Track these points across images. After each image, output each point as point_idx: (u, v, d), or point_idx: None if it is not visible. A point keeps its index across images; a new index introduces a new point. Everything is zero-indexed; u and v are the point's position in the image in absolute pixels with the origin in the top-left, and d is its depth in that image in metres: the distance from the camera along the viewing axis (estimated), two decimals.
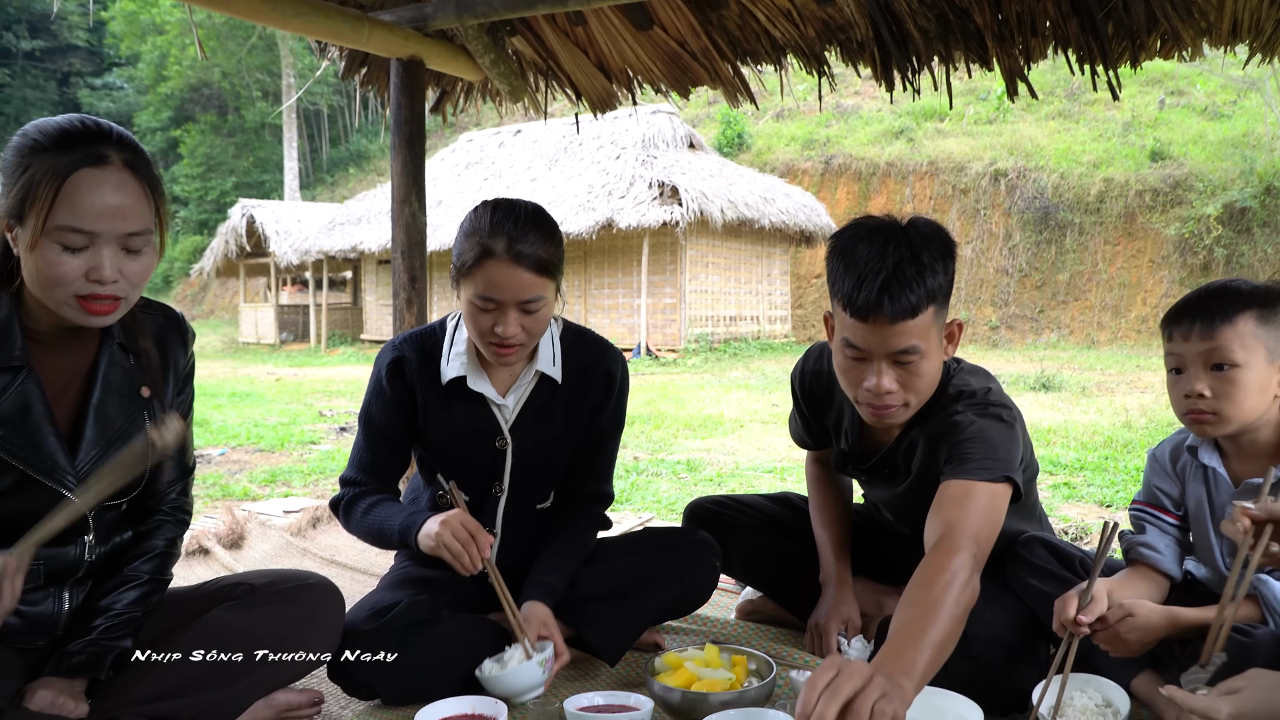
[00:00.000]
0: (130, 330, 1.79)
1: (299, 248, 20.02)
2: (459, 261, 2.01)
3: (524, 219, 1.98)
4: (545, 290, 1.99)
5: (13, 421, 1.62)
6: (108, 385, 1.74)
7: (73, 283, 1.57)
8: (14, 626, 1.69)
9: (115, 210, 1.57)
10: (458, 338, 2.17)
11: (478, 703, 1.89)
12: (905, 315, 1.76)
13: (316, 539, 3.41)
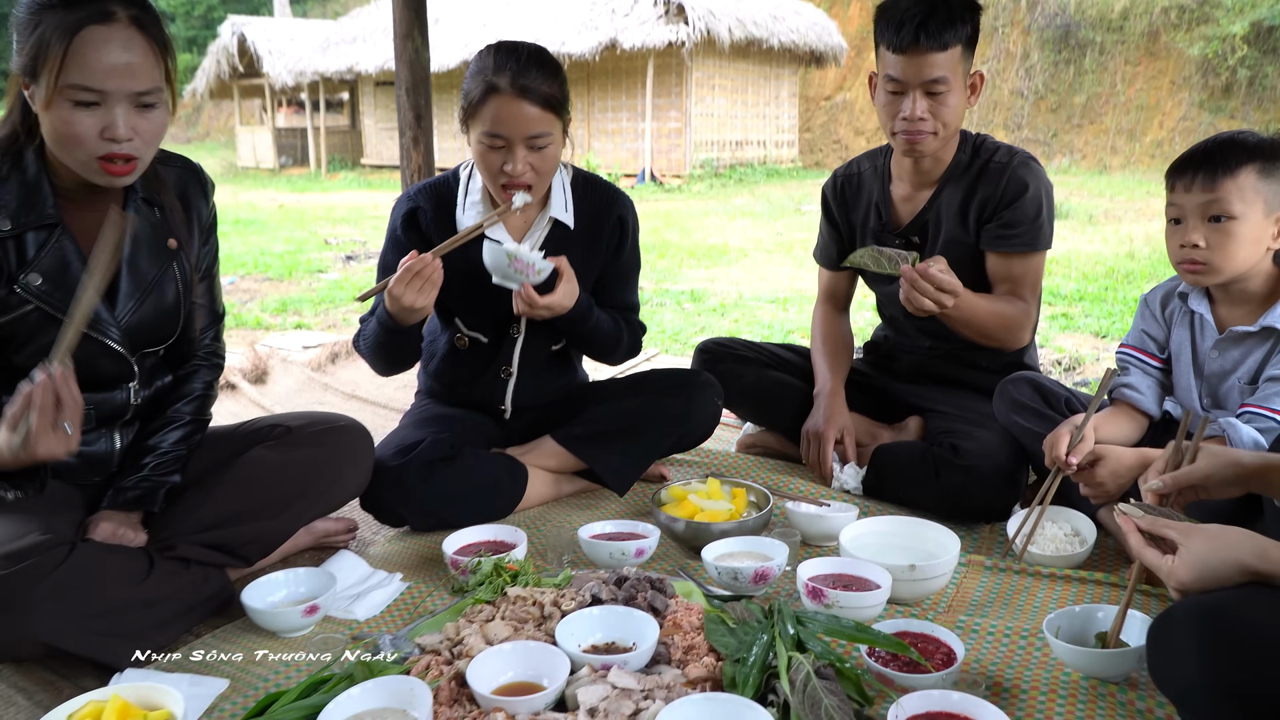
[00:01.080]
0: (152, 184, 1.84)
1: (293, 68, 19.44)
2: (466, 102, 2.08)
3: (527, 57, 2.04)
4: (551, 127, 2.05)
5: (53, 277, 1.70)
6: (136, 239, 1.80)
7: (89, 142, 1.60)
8: (72, 464, 1.83)
9: (124, 68, 1.58)
10: (472, 186, 2.23)
11: (498, 530, 2.06)
12: (937, 48, 2.11)
13: (336, 374, 3.55)
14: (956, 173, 2.32)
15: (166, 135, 1.73)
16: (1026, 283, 2.28)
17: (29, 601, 1.54)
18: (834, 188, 2.57)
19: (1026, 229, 2.25)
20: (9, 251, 1.68)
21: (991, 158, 2.30)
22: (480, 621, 1.67)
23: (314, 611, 1.78)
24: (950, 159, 2.32)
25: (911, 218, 2.37)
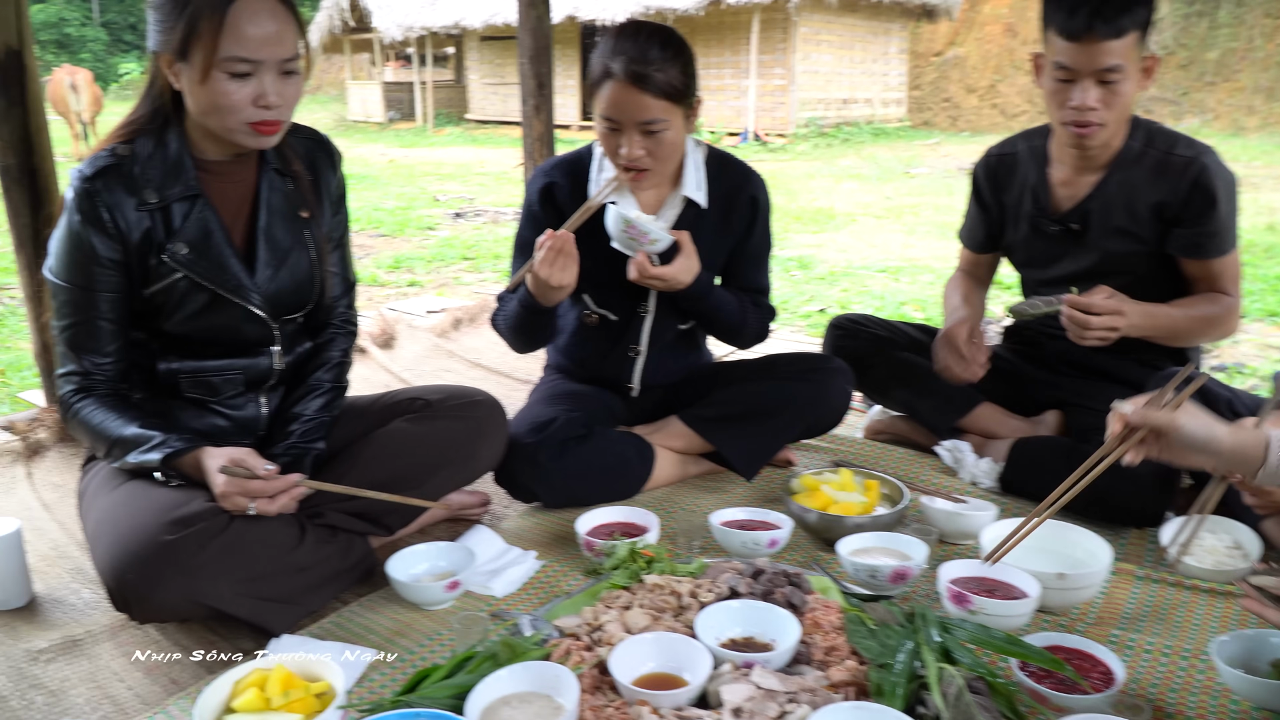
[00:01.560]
0: (283, 154, 1.89)
1: (401, 23, 19.67)
2: (590, 81, 2.08)
3: (646, 40, 2.02)
4: (667, 114, 2.03)
5: (197, 245, 1.76)
6: (271, 209, 1.85)
7: (243, 110, 1.66)
8: (224, 428, 1.90)
9: (274, 36, 1.65)
10: (606, 163, 2.22)
11: (630, 512, 2.07)
12: (1112, 35, 1.99)
13: (460, 341, 3.61)
14: (1126, 160, 2.20)
15: None
16: (1228, 277, 2.20)
17: (194, 566, 1.61)
18: (986, 168, 2.47)
19: (1223, 232, 2.16)
20: (157, 223, 1.74)
21: (1171, 150, 2.17)
22: (619, 608, 1.69)
23: (455, 587, 1.82)
24: (1119, 145, 2.20)
25: (1072, 204, 2.27)
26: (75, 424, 1.79)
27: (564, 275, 2.03)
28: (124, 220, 1.72)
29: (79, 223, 1.71)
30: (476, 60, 20.89)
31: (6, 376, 4.51)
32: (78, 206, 1.71)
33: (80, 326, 1.76)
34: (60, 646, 1.73)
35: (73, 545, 2.14)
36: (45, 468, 2.54)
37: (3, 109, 2.42)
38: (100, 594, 1.93)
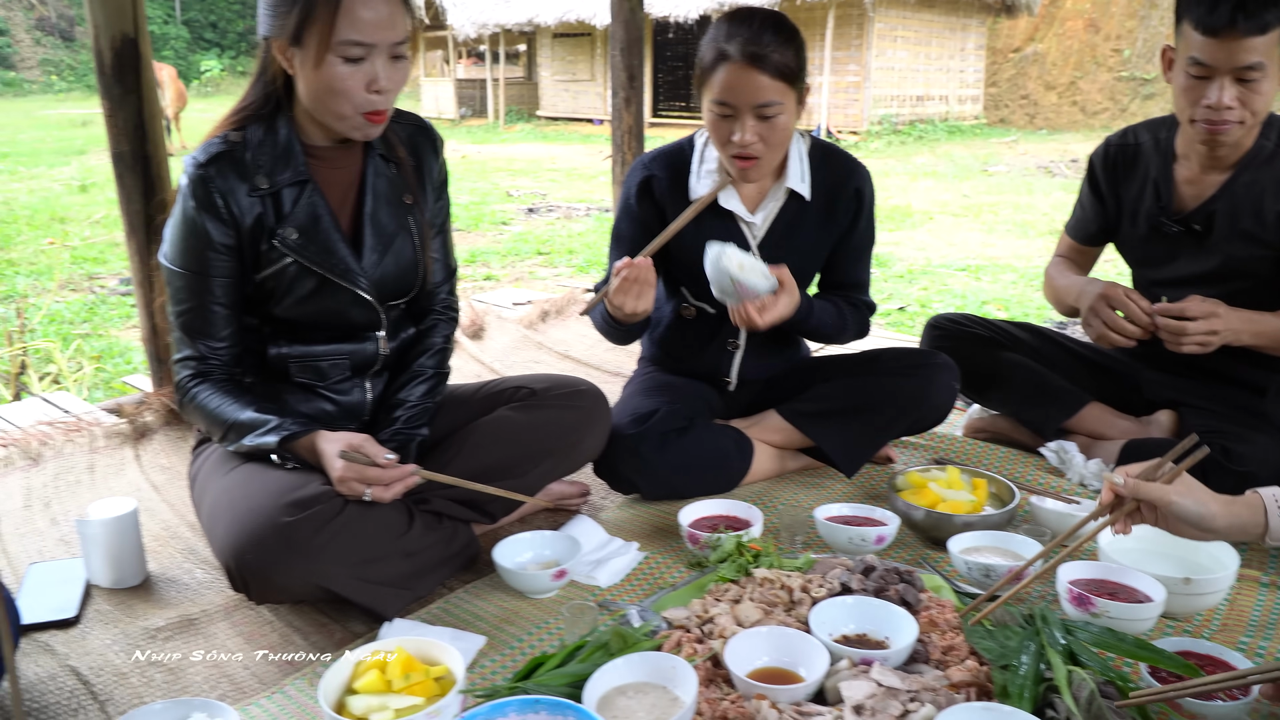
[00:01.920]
0: (388, 140, 1.90)
1: (475, 20, 19.88)
2: (699, 69, 2.06)
3: (760, 22, 2.00)
4: (783, 96, 2.00)
5: (307, 230, 1.78)
6: (377, 194, 1.87)
7: (356, 95, 1.67)
8: (331, 413, 1.93)
9: (388, 20, 1.66)
10: (707, 155, 2.20)
11: (732, 505, 2.05)
12: (1255, 31, 1.90)
13: (547, 333, 3.62)
14: (1256, 160, 2.10)
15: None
16: None
17: (311, 548, 1.63)
18: (1105, 157, 2.36)
19: None
20: (268, 208, 1.76)
21: None
22: (729, 601, 1.67)
23: (562, 576, 1.82)
24: (1250, 144, 2.10)
25: (1197, 204, 2.17)
26: (191, 408, 1.82)
27: (639, 303, 2.01)
28: (237, 206, 1.74)
29: (193, 209, 1.74)
30: (548, 57, 21.02)
31: (103, 363, 4.65)
32: (192, 193, 1.73)
33: (195, 312, 1.79)
34: (177, 625, 1.76)
35: (184, 526, 2.19)
36: (153, 450, 2.60)
37: (118, 96, 2.48)
38: (213, 574, 1.97)
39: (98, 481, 2.43)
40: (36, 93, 28.85)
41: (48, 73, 31.53)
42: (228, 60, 33.76)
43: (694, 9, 16.23)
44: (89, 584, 1.91)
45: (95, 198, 10.22)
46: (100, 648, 1.70)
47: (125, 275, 6.74)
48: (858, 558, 1.78)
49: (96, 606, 1.85)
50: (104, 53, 2.46)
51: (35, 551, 2.09)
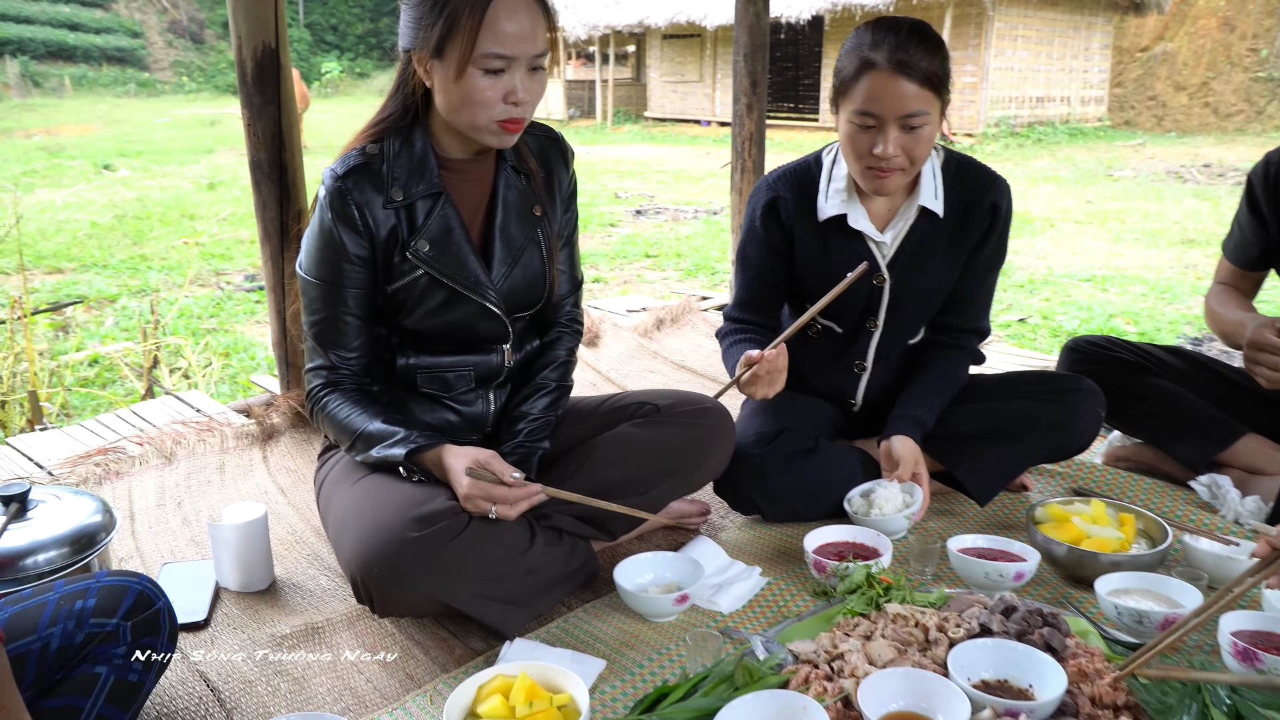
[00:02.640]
0: (519, 151, 1.88)
1: (586, 21, 20.04)
2: (838, 80, 1.97)
3: (907, 31, 1.91)
4: (929, 106, 1.91)
5: (439, 243, 1.77)
6: (507, 207, 1.85)
7: (494, 106, 1.66)
8: (454, 423, 1.92)
9: (528, 33, 1.64)
10: (835, 173, 2.12)
11: (858, 532, 1.97)
12: None
13: (663, 342, 3.58)
14: None
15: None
16: None
17: (435, 564, 1.62)
18: (1265, 175, 2.20)
19: None
20: (401, 220, 1.76)
21: None
22: (859, 637, 1.60)
23: (684, 600, 1.78)
24: None
25: None
26: (322, 417, 1.83)
27: (770, 389, 1.97)
28: (372, 218, 1.75)
29: (330, 220, 1.74)
30: (657, 58, 21.06)
31: (229, 359, 4.80)
32: (330, 204, 1.74)
33: (328, 322, 1.80)
34: (302, 634, 1.78)
35: (309, 531, 2.22)
36: (279, 452, 2.66)
37: (259, 105, 2.53)
38: (337, 581, 1.99)
39: (227, 482, 2.48)
40: (168, 93, 30.22)
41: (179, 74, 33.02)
42: (347, 62, 34.80)
43: (807, 9, 16.03)
44: (218, 586, 1.95)
45: (223, 195, 10.63)
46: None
47: (250, 272, 6.98)
48: (996, 595, 1.69)
49: (225, 610, 1.88)
50: (246, 62, 2.51)
51: (168, 551, 2.14)
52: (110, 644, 1.32)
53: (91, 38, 32.23)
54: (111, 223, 8.86)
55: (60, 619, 1.28)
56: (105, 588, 1.35)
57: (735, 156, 3.70)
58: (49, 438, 2.79)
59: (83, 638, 1.29)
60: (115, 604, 1.33)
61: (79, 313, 5.84)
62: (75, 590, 1.34)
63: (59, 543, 1.67)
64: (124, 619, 1.33)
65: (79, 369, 4.60)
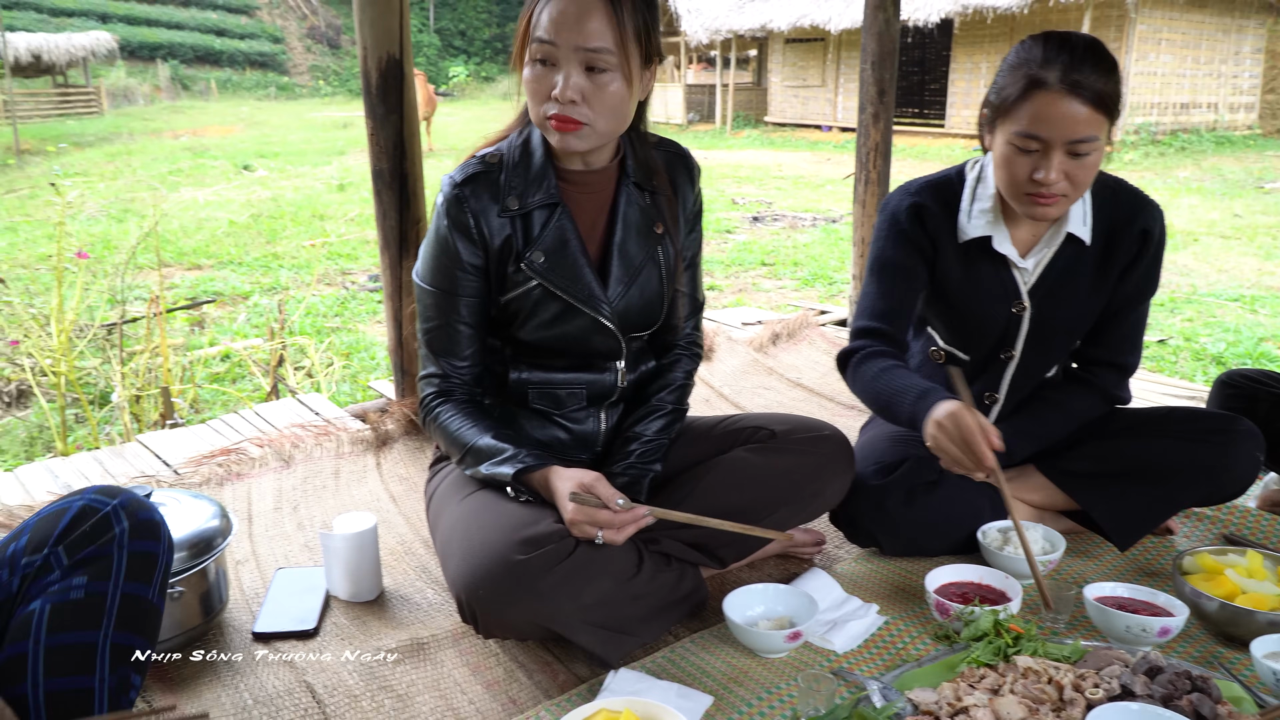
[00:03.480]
0: (646, 168, 1.82)
1: (709, 26, 20.00)
2: (999, 99, 1.82)
3: (1081, 49, 1.75)
4: (1099, 130, 1.76)
5: (554, 254, 1.73)
6: (627, 223, 1.80)
7: (540, 99, 1.62)
8: (564, 440, 1.89)
9: (572, 20, 1.56)
10: (980, 191, 1.99)
11: (984, 573, 1.86)
12: None
13: (778, 357, 3.49)
14: None
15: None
16: None
17: (540, 588, 1.58)
18: None
19: None
20: (517, 230, 1.73)
21: None
22: (986, 690, 1.49)
23: (796, 637, 1.70)
24: None
25: None
26: (433, 427, 1.82)
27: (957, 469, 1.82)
28: (488, 227, 1.72)
29: (446, 228, 1.73)
30: (779, 63, 20.88)
31: (350, 360, 4.92)
32: (446, 212, 1.73)
33: (441, 330, 1.79)
34: (408, 648, 1.77)
35: (418, 542, 2.22)
36: (393, 459, 2.68)
37: (381, 115, 2.56)
38: (443, 595, 1.98)
39: (341, 488, 2.51)
40: (305, 96, 31.49)
41: (316, 78, 34.38)
42: (473, 66, 35.64)
43: (935, 12, 15.62)
44: (328, 595, 1.96)
45: (351, 196, 10.97)
46: (335, 665, 1.72)
47: (374, 272, 7.16)
48: (1138, 652, 1.56)
49: (334, 619, 1.89)
50: (371, 73, 2.54)
51: (282, 555, 2.17)
52: (43, 576, 1.18)
53: (236, 43, 33.88)
54: (248, 221, 9.23)
55: None
56: (41, 520, 1.22)
57: (859, 167, 3.58)
58: (177, 435, 2.88)
59: (18, 583, 1.17)
60: (48, 533, 1.20)
61: (213, 309, 6.09)
62: (11, 535, 1.21)
63: (179, 546, 1.69)
64: (55, 544, 1.19)
65: (211, 364, 4.78)
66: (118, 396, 3.68)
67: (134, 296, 5.77)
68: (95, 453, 2.78)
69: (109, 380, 4.18)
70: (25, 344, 4.05)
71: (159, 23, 32.65)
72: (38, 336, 4.00)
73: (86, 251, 5.17)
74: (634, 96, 1.67)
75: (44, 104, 23.07)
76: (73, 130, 19.36)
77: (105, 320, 4.56)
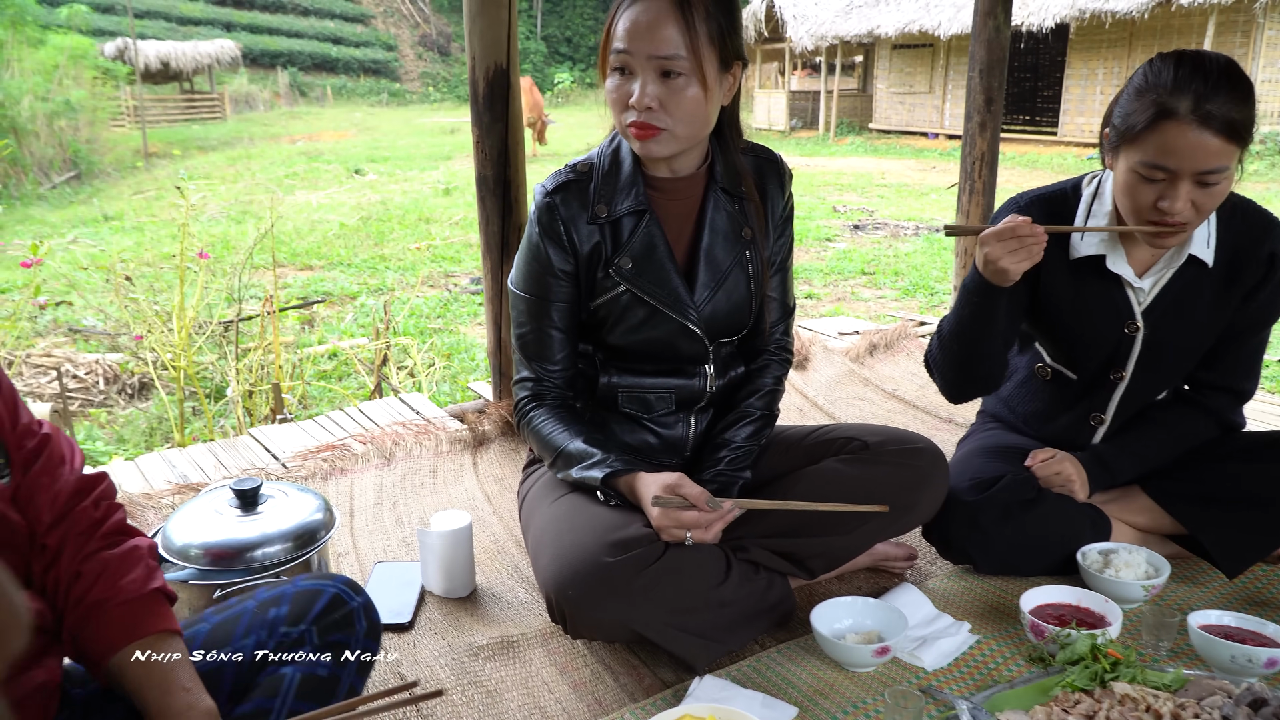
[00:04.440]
0: (733, 173, 1.83)
1: (815, 32, 19.83)
2: (1125, 124, 1.74)
3: (1215, 75, 1.66)
4: (1229, 159, 1.68)
5: (641, 260, 1.76)
6: (714, 229, 1.81)
7: (620, 108, 1.67)
8: (653, 445, 1.90)
9: (646, 29, 1.59)
10: (1096, 209, 1.92)
11: (1083, 595, 1.81)
12: None
13: (875, 368, 3.45)
14: None
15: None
16: None
17: (630, 590, 1.60)
18: None
19: None
20: (606, 236, 1.77)
21: None
22: (1080, 715, 1.45)
23: (885, 652, 1.68)
24: None
25: None
26: (527, 430, 1.86)
27: (1012, 261, 1.75)
28: (577, 234, 1.76)
29: (538, 235, 1.78)
30: (885, 69, 20.58)
31: (451, 361, 5.04)
32: (538, 219, 1.78)
33: (534, 335, 1.83)
34: (498, 645, 1.81)
35: (510, 542, 2.26)
36: (489, 459, 2.74)
37: (487, 124, 2.62)
38: (533, 595, 2.02)
39: (439, 486, 2.58)
40: (415, 102, 32.34)
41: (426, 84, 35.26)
42: (578, 72, 36.07)
43: (1050, 16, 15.19)
44: (424, 590, 2.02)
45: (456, 200, 11.23)
46: (429, 659, 1.77)
47: (476, 274, 7.31)
48: (1242, 683, 1.50)
49: (428, 614, 1.95)
50: (478, 82, 2.60)
51: (381, 550, 2.24)
52: (297, 648, 1.32)
53: (352, 51, 35.00)
54: (357, 224, 9.53)
55: (254, 629, 1.31)
56: (299, 593, 1.36)
57: (964, 177, 3.51)
58: (286, 430, 3.00)
59: (273, 645, 1.31)
60: (306, 609, 1.34)
61: (323, 309, 6.30)
62: (271, 598, 1.36)
63: (283, 538, 1.76)
64: (312, 624, 1.33)
65: (319, 362, 4.96)
66: (232, 391, 3.85)
67: (250, 295, 6.02)
68: (210, 445, 2.91)
69: (224, 375, 4.37)
70: (148, 339, 4.27)
71: (280, 31, 33.96)
72: (160, 332, 4.21)
73: (207, 252, 5.42)
74: (713, 101, 1.69)
75: (171, 109, 24.25)
76: (197, 135, 20.28)
77: (223, 318, 4.77)
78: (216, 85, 26.27)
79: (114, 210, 10.81)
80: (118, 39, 22.22)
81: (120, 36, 22.43)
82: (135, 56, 19.63)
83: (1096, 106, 16.32)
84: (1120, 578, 1.85)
